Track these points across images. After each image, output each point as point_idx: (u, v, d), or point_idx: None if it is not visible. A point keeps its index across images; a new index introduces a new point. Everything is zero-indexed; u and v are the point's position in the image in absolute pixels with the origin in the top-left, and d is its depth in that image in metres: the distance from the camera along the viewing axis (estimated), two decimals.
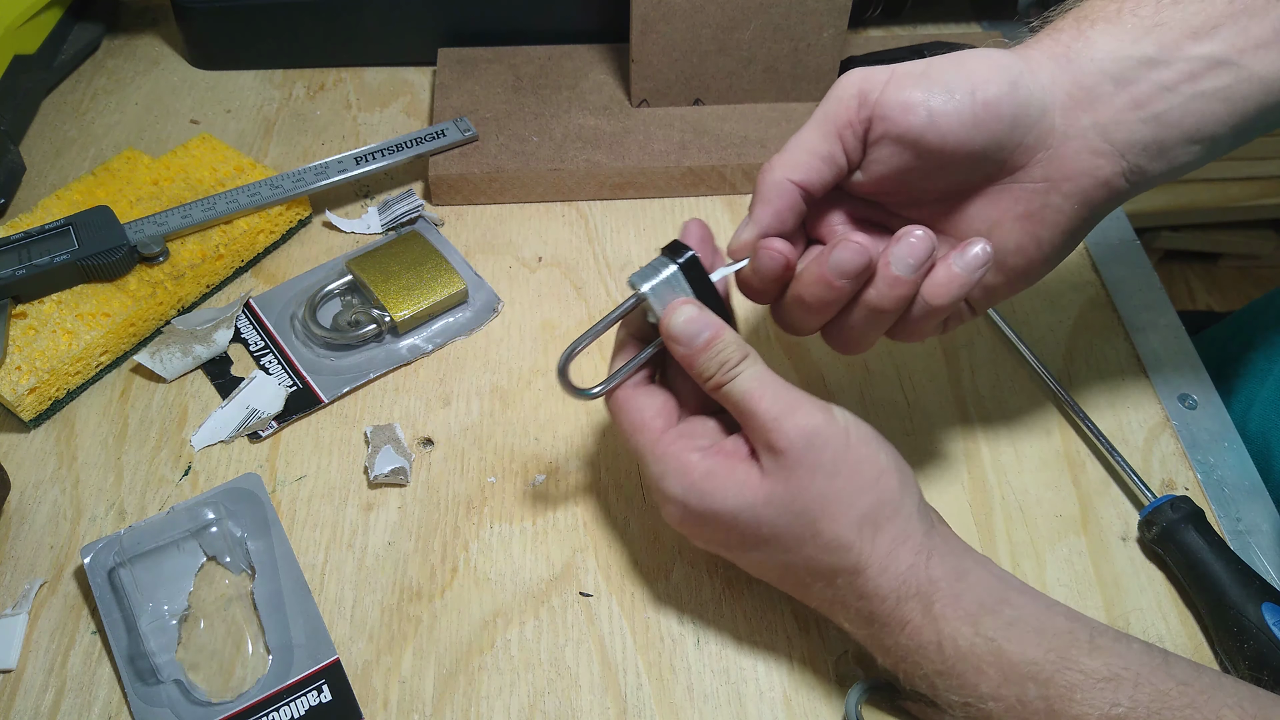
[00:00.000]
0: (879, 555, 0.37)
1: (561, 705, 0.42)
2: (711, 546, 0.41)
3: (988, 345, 0.56)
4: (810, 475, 0.36)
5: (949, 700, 0.36)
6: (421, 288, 0.55)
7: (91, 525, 0.47)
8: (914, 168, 0.39)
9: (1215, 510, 0.49)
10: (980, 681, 0.35)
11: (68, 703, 0.42)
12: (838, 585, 0.38)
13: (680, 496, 0.39)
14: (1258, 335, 0.61)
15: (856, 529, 0.37)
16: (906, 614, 0.36)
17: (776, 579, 0.41)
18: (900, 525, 0.37)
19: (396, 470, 0.48)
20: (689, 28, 0.61)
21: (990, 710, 0.35)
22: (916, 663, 0.37)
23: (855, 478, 0.37)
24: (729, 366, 0.38)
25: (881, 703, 0.41)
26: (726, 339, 0.38)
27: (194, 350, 0.53)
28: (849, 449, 0.37)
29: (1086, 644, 0.35)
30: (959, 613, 0.36)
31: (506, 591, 0.45)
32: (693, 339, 0.38)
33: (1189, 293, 1.63)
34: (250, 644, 0.43)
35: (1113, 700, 0.33)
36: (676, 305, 0.39)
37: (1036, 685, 0.34)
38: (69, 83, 0.70)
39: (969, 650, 0.35)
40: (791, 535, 0.37)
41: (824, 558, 0.37)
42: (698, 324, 0.38)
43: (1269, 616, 0.42)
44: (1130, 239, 0.62)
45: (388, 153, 0.61)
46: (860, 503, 0.37)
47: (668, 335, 0.39)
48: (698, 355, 0.38)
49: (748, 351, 0.38)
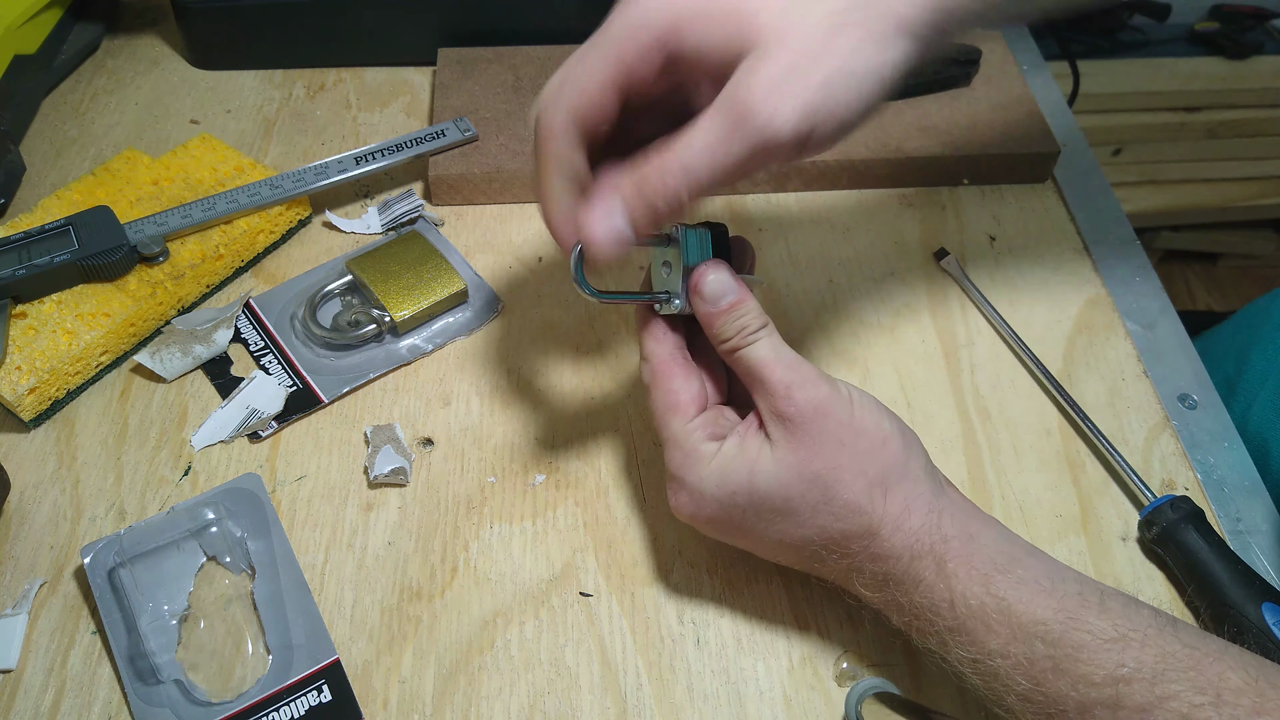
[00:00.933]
0: (891, 516, 0.38)
1: (561, 705, 0.42)
2: (724, 534, 0.42)
3: (988, 345, 0.56)
4: (819, 443, 0.37)
5: (959, 656, 0.37)
6: (421, 288, 0.55)
7: (91, 525, 0.47)
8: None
9: (1215, 510, 0.49)
10: (989, 639, 0.36)
11: (68, 703, 0.42)
12: (853, 551, 0.39)
13: (697, 484, 0.40)
14: (1257, 336, 0.61)
15: (867, 493, 0.38)
16: (920, 572, 0.37)
17: (791, 557, 0.41)
18: (909, 487, 0.38)
19: (396, 470, 0.48)
20: None
21: (998, 667, 0.36)
22: (930, 619, 0.37)
23: (861, 444, 0.38)
24: (748, 332, 0.39)
25: (881, 703, 0.41)
26: (750, 305, 0.40)
27: (194, 350, 0.53)
28: (853, 418, 0.38)
29: (1096, 605, 0.35)
30: (970, 571, 0.36)
31: (506, 591, 0.45)
32: (718, 298, 0.40)
33: (1189, 293, 1.63)
34: (250, 644, 0.43)
35: (1119, 660, 0.34)
36: (711, 264, 0.40)
37: (1045, 644, 0.35)
38: (69, 83, 0.70)
39: (979, 608, 0.36)
40: (805, 504, 0.38)
41: (837, 525, 0.38)
42: (726, 285, 0.40)
43: (1269, 616, 0.42)
44: (1130, 239, 0.62)
45: (388, 153, 0.61)
46: (868, 468, 0.38)
47: (697, 291, 0.40)
48: (720, 316, 0.40)
49: (766, 321, 0.40)
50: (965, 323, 0.57)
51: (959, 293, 0.58)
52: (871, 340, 0.56)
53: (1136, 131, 1.47)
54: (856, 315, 0.57)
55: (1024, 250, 0.61)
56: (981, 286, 0.58)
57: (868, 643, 0.44)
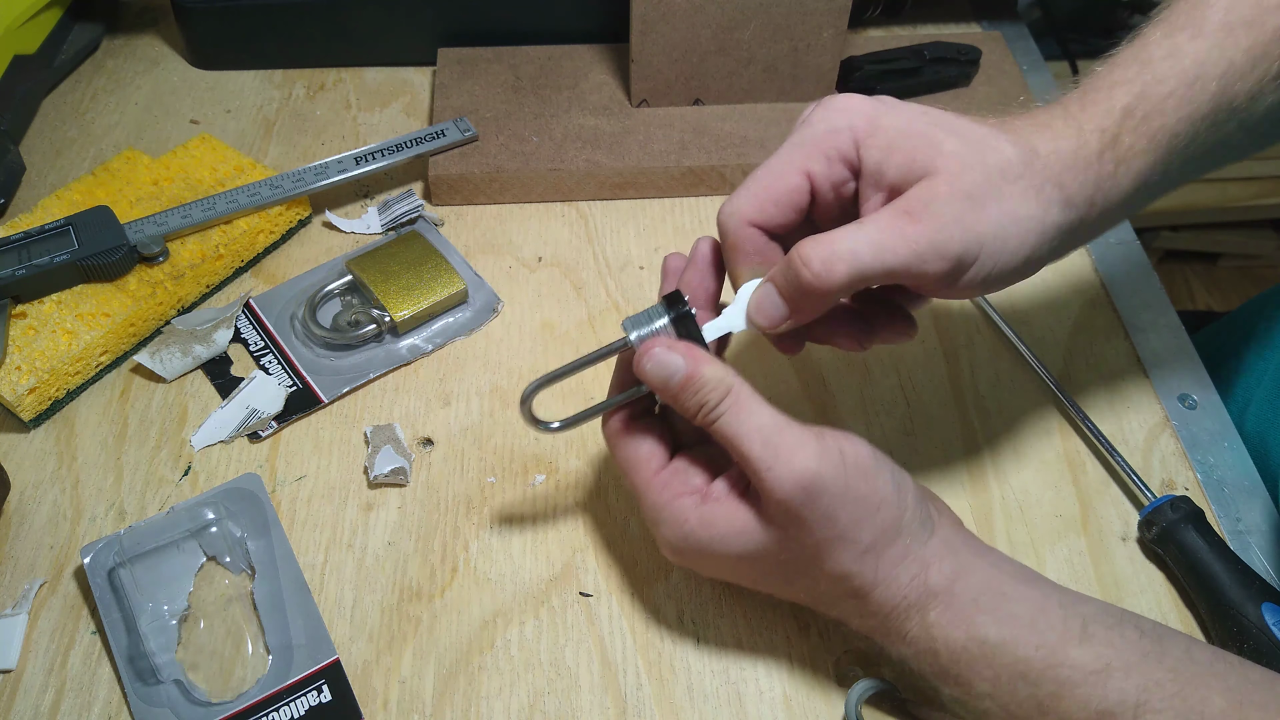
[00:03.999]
0: (881, 578, 0.37)
1: (561, 705, 0.42)
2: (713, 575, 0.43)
3: (988, 345, 0.56)
4: (809, 525, 0.36)
5: (949, 697, 0.37)
6: (421, 288, 0.55)
7: (91, 525, 0.47)
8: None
9: (1215, 510, 0.49)
10: (976, 682, 0.36)
11: (68, 703, 0.42)
12: (842, 607, 0.39)
13: (676, 543, 0.39)
14: (1254, 334, 0.61)
15: (858, 561, 0.37)
16: (905, 626, 0.37)
17: (784, 596, 0.42)
18: (900, 546, 0.37)
19: (396, 470, 0.48)
20: (689, 28, 0.61)
21: (988, 709, 0.36)
22: (918, 667, 0.38)
23: (856, 514, 0.36)
24: (709, 408, 0.37)
25: (881, 703, 0.42)
26: (705, 377, 0.37)
27: (194, 350, 0.53)
28: (847, 489, 0.36)
29: (1078, 636, 0.35)
30: (952, 617, 0.36)
31: (506, 591, 0.45)
32: (666, 382, 0.38)
33: (1189, 293, 1.63)
34: (250, 644, 0.43)
35: (1101, 694, 0.34)
36: (646, 349, 0.38)
37: (1026, 684, 0.35)
38: (69, 83, 0.70)
39: (962, 653, 0.36)
40: (794, 570, 0.38)
41: (826, 586, 0.38)
42: (668, 367, 0.38)
43: (1269, 616, 0.42)
44: (1130, 239, 0.62)
45: (388, 153, 0.61)
46: (862, 537, 0.37)
47: (643, 379, 0.39)
48: (677, 397, 0.38)
49: (729, 388, 0.37)
50: (965, 323, 0.57)
51: None
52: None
53: None
54: None
55: None
56: None
57: (868, 643, 0.44)
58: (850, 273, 0.35)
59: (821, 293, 0.36)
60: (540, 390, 0.40)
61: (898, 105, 0.38)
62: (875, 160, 0.37)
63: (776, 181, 0.38)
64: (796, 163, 0.38)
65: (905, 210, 0.36)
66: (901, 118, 0.37)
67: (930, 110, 0.38)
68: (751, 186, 0.39)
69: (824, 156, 0.38)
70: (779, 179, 0.38)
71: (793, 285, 0.37)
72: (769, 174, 0.38)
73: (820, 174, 0.38)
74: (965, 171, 0.36)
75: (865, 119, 0.37)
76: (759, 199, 0.38)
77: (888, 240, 0.35)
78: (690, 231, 0.61)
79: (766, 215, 0.38)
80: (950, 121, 0.37)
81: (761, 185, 0.38)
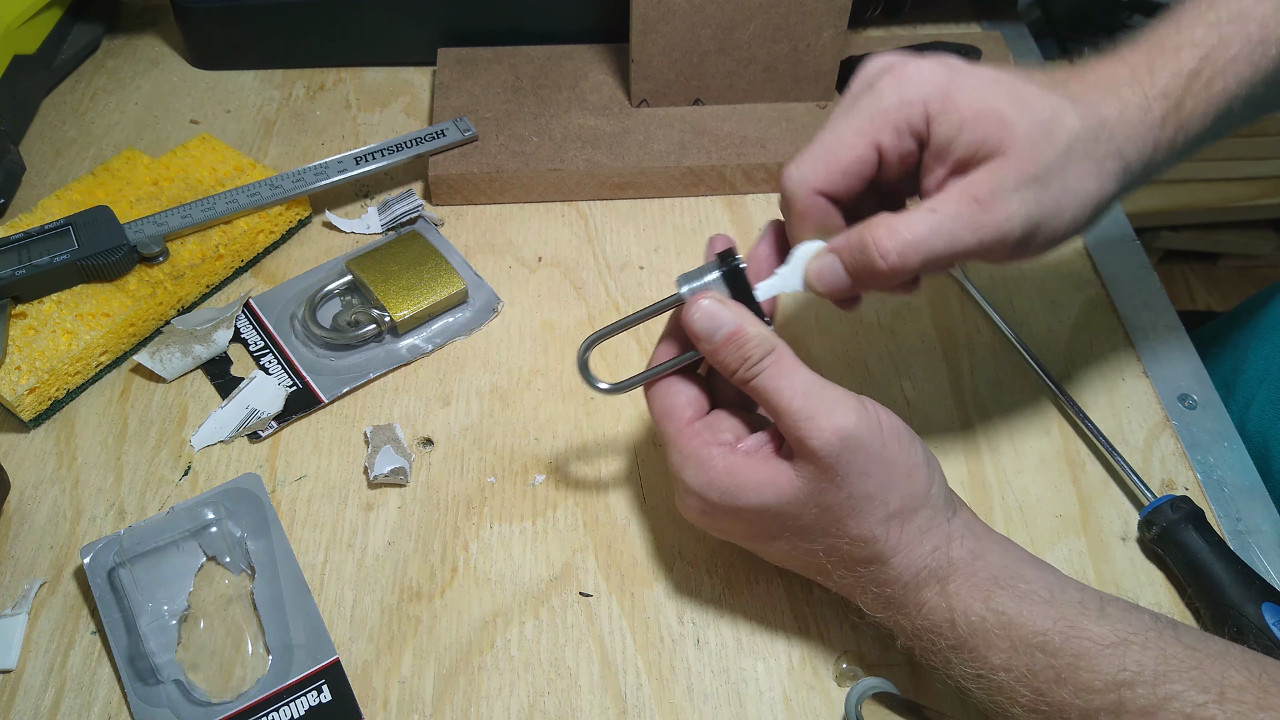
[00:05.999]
0: (903, 546, 0.37)
1: (561, 705, 0.42)
2: (728, 537, 0.42)
3: (988, 345, 0.56)
4: (843, 479, 0.37)
5: (962, 672, 0.37)
6: (421, 288, 0.55)
7: (91, 525, 0.47)
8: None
9: (1215, 510, 0.49)
10: (991, 654, 0.36)
11: (68, 703, 0.42)
12: (859, 573, 0.39)
13: (699, 489, 0.39)
14: (1254, 334, 0.61)
15: (884, 525, 0.37)
16: (923, 597, 0.37)
17: (798, 565, 0.42)
18: (925, 516, 0.38)
19: (396, 470, 0.48)
20: (689, 28, 0.61)
21: (1002, 680, 0.36)
22: (932, 640, 0.38)
23: (887, 476, 0.37)
24: (751, 363, 0.38)
25: (881, 703, 0.41)
26: (748, 334, 0.38)
27: (194, 350, 0.53)
28: (884, 447, 0.37)
29: (1096, 612, 0.36)
30: (971, 589, 0.37)
31: (506, 591, 0.45)
32: (712, 334, 0.38)
33: (1189, 293, 1.63)
34: (250, 644, 0.43)
35: (1120, 664, 0.34)
36: (695, 300, 0.39)
37: (1045, 654, 0.35)
38: (69, 83, 0.70)
39: (980, 624, 0.36)
40: (817, 528, 0.38)
41: (848, 549, 0.38)
42: (716, 319, 0.38)
43: (1269, 616, 0.42)
44: (1130, 239, 0.62)
45: (388, 153, 0.61)
46: (890, 500, 0.37)
47: (688, 330, 0.39)
48: (719, 350, 0.38)
49: (772, 346, 0.38)
50: (965, 323, 0.57)
51: (959, 293, 0.58)
52: (871, 340, 0.56)
53: None
54: (856, 315, 0.57)
55: None
56: (981, 286, 0.58)
57: (868, 643, 0.44)
58: (922, 262, 0.36)
59: (892, 277, 0.37)
60: (596, 345, 0.41)
61: (969, 71, 0.37)
62: (946, 136, 0.37)
63: (846, 152, 0.38)
64: (868, 134, 0.38)
65: (975, 198, 0.36)
66: (974, 90, 0.37)
67: (1002, 77, 0.37)
68: (819, 154, 0.39)
69: (894, 129, 0.37)
70: (849, 150, 0.38)
71: (862, 266, 0.37)
72: (839, 142, 0.38)
73: (890, 147, 0.38)
74: (1033, 153, 0.36)
75: (939, 90, 0.37)
76: (828, 168, 0.38)
77: (958, 230, 0.36)
78: (690, 231, 0.61)
79: (834, 184, 0.38)
80: (1022, 92, 0.37)
81: (830, 153, 0.38)
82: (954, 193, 0.37)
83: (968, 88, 0.37)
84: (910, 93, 0.37)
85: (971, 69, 0.38)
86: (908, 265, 0.36)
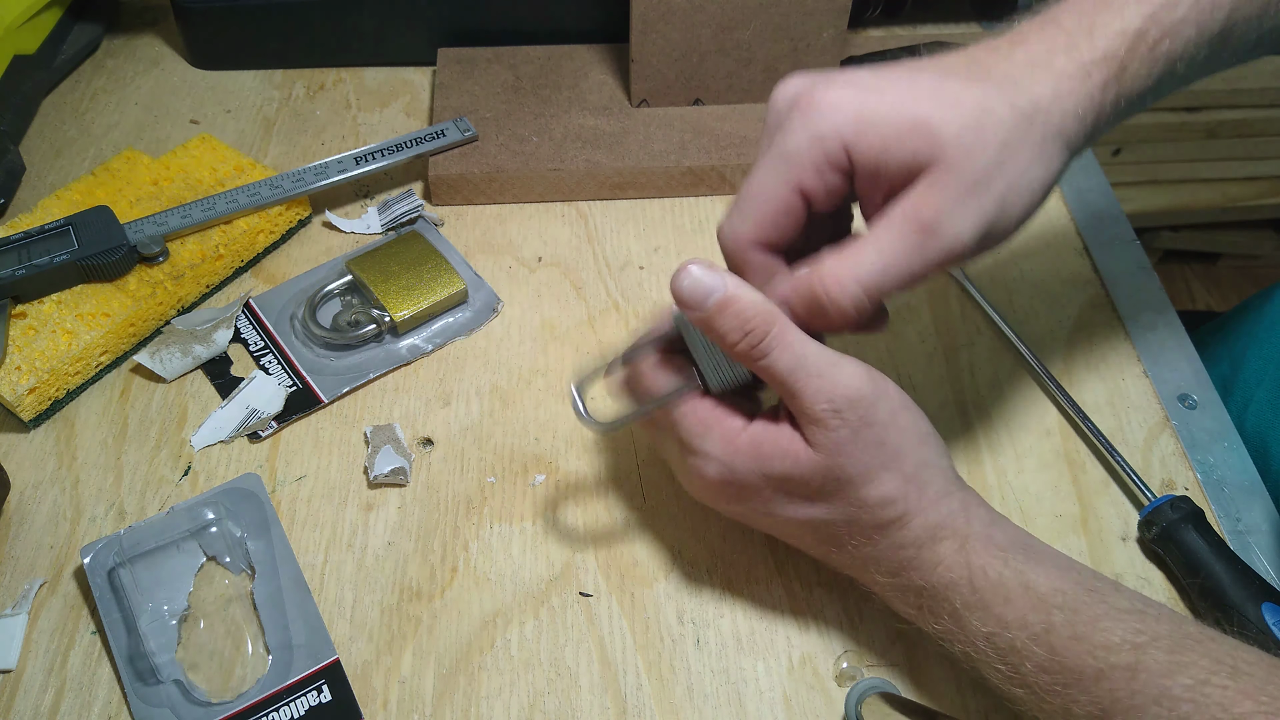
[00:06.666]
0: (925, 505, 0.38)
1: (561, 705, 0.42)
2: (741, 509, 0.41)
3: (988, 345, 0.56)
4: (861, 447, 0.37)
5: (974, 631, 0.37)
6: (421, 288, 0.55)
7: (91, 525, 0.47)
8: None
9: (1215, 510, 0.49)
10: (1007, 611, 0.36)
11: (68, 703, 0.42)
12: (876, 540, 0.39)
13: (722, 455, 0.39)
14: (1254, 334, 0.61)
15: (903, 488, 0.38)
16: (941, 553, 0.38)
17: (809, 539, 0.41)
18: (941, 482, 0.38)
19: (396, 470, 0.48)
20: (689, 28, 0.61)
21: (1015, 639, 0.36)
22: (946, 598, 0.37)
23: (903, 439, 0.37)
24: (755, 340, 0.36)
25: (881, 703, 0.41)
26: (745, 302, 0.36)
27: (194, 350, 0.53)
28: (896, 414, 0.37)
29: (1112, 586, 0.36)
30: (990, 548, 0.37)
31: (506, 591, 0.45)
32: (703, 301, 0.36)
33: (1189, 293, 1.63)
34: (250, 644, 0.43)
35: (1137, 628, 0.34)
36: (684, 266, 0.36)
37: (1063, 612, 0.35)
38: (69, 83, 0.70)
39: (998, 581, 0.36)
40: (838, 495, 0.38)
41: (866, 515, 0.38)
42: (706, 284, 0.36)
43: (1269, 616, 0.42)
44: (1130, 239, 0.62)
45: (388, 153, 0.61)
46: (906, 464, 0.37)
47: (677, 299, 0.37)
48: (714, 319, 0.36)
49: (774, 321, 0.36)
50: (965, 323, 0.57)
51: (959, 293, 0.58)
52: (871, 339, 0.56)
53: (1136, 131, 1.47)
54: None
55: (1024, 250, 0.60)
56: (981, 286, 0.58)
57: (868, 643, 0.44)
58: (874, 298, 0.36)
59: (848, 324, 0.37)
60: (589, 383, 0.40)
61: (881, 85, 0.35)
62: (870, 161, 0.35)
63: (770, 203, 0.37)
64: (789, 180, 0.36)
65: (919, 224, 0.35)
66: (891, 104, 0.35)
67: (919, 77, 0.36)
68: (746, 208, 0.38)
69: (814, 169, 0.36)
70: (772, 200, 0.37)
71: (815, 314, 0.37)
72: (761, 193, 0.37)
73: (814, 187, 0.36)
74: (968, 158, 0.34)
75: (850, 117, 0.35)
76: (757, 222, 0.38)
77: (909, 262, 0.35)
78: (690, 231, 0.61)
79: (766, 235, 0.38)
80: (943, 90, 0.35)
81: (755, 207, 0.37)
82: (897, 219, 0.35)
83: (883, 104, 0.35)
84: (820, 126, 0.35)
85: (883, 79, 0.36)
86: (863, 310, 0.36)
